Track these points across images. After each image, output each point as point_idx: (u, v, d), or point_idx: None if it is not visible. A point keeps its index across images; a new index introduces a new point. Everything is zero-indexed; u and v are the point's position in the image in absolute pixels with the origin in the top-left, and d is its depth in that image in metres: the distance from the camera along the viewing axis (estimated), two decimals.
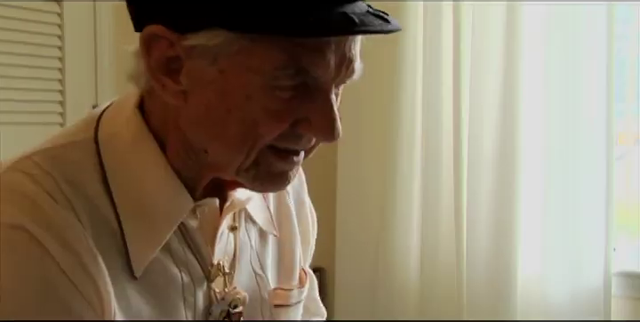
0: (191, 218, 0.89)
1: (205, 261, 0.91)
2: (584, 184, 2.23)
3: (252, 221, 0.98)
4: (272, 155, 0.83)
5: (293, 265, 1.04)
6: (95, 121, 0.89)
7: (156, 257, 0.86)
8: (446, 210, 2.37)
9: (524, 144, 2.27)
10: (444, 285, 2.34)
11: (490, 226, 2.30)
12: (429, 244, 2.39)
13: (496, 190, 2.29)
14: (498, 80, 2.27)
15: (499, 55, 2.27)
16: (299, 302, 1.04)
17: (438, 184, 2.38)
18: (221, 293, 0.93)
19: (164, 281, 0.87)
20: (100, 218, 0.83)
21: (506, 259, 2.27)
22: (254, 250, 0.98)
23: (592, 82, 2.22)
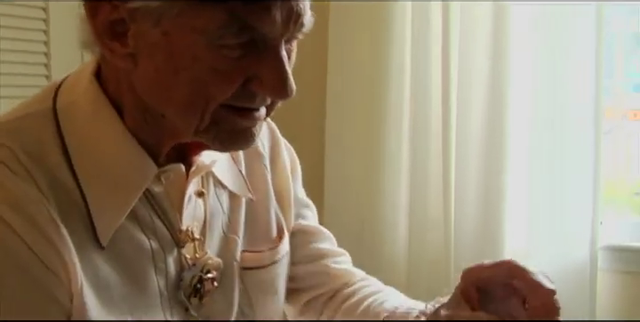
0: (156, 184, 0.89)
1: (174, 227, 0.91)
2: (571, 159, 2.23)
3: (222, 185, 0.98)
4: (231, 113, 0.83)
5: (269, 227, 1.05)
6: (53, 91, 0.89)
7: (123, 225, 0.86)
8: (434, 186, 2.37)
9: (511, 119, 2.26)
10: (431, 261, 2.35)
11: (477, 201, 2.30)
12: (417, 219, 2.39)
13: (483, 166, 2.29)
14: (487, 52, 2.26)
15: (487, 24, 2.26)
16: (273, 263, 1.03)
17: (426, 160, 2.37)
18: (193, 258, 0.93)
19: (132, 249, 0.88)
20: (62, 188, 0.83)
21: (493, 233, 2.27)
22: (226, 215, 0.98)
23: (580, 57, 2.21)
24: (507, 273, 0.89)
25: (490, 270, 0.91)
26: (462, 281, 0.92)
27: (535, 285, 0.87)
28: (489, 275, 0.90)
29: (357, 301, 1.12)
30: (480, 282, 0.91)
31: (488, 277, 0.90)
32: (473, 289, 0.90)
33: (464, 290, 0.91)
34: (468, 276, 0.92)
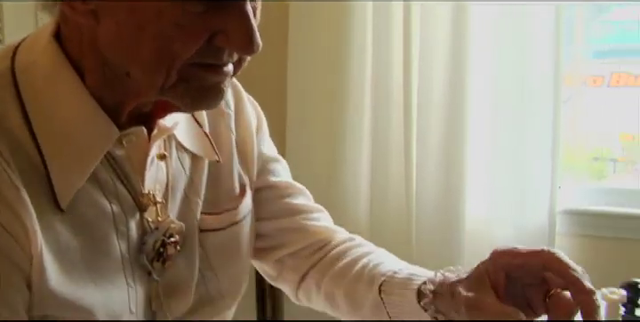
0: (118, 147, 0.88)
1: (136, 191, 0.91)
2: (531, 125, 2.25)
3: (184, 148, 0.97)
4: (199, 70, 0.82)
5: (232, 187, 1.04)
6: (12, 51, 0.87)
7: (84, 189, 0.85)
8: (395, 155, 2.38)
9: (472, 87, 2.27)
10: (393, 228, 2.36)
11: (438, 169, 2.32)
12: (378, 189, 2.41)
13: (444, 134, 2.30)
14: (448, 17, 2.26)
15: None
16: (233, 224, 1.03)
17: (388, 129, 2.38)
18: (155, 222, 0.93)
19: (93, 212, 0.87)
20: (21, 150, 0.82)
21: (454, 199, 2.29)
22: (188, 177, 0.98)
23: (540, 24, 2.23)
24: (541, 264, 0.86)
25: (523, 258, 0.88)
26: (492, 263, 0.89)
27: (576, 281, 0.83)
28: (521, 262, 0.87)
29: (349, 264, 1.09)
30: (510, 268, 0.88)
31: (520, 264, 0.87)
32: (502, 274, 0.88)
33: (492, 273, 0.88)
34: (499, 258, 0.89)
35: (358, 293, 1.04)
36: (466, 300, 0.88)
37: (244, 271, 1.06)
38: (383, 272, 1.03)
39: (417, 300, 0.96)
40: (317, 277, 1.10)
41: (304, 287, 1.13)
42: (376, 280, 1.02)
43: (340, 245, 1.13)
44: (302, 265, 1.12)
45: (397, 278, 1.01)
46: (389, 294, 1.00)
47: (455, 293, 0.90)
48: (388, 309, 1.00)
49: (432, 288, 0.95)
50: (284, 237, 1.11)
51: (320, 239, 1.13)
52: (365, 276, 1.05)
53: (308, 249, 1.12)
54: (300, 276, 1.12)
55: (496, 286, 0.87)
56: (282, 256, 1.13)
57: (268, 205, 1.11)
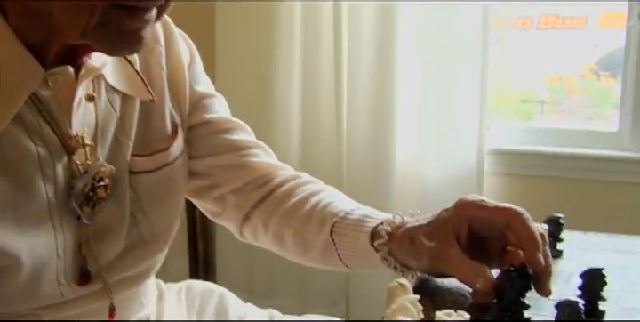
0: (43, 88, 0.86)
1: (63, 133, 0.89)
2: (460, 67, 2.27)
3: (114, 89, 0.95)
4: (120, 13, 0.80)
5: (164, 127, 1.02)
6: None
7: (9, 131, 0.83)
8: (326, 95, 2.38)
9: (401, 29, 2.27)
10: (324, 169, 2.38)
11: (369, 109, 2.33)
12: (310, 128, 2.41)
13: (375, 75, 2.30)
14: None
15: None
16: (165, 166, 1.01)
17: (318, 68, 2.37)
18: (84, 165, 0.91)
19: (18, 155, 0.85)
20: None
21: (384, 140, 2.31)
22: (119, 120, 0.96)
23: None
24: (504, 221, 0.84)
25: (489, 213, 0.85)
26: (456, 213, 0.87)
27: (530, 248, 0.82)
28: (486, 217, 0.86)
29: (298, 203, 1.06)
30: (475, 220, 0.86)
31: (485, 218, 0.86)
32: (465, 225, 0.87)
33: (456, 223, 0.87)
34: (464, 209, 0.87)
35: (308, 234, 1.03)
36: (429, 250, 0.87)
37: (177, 213, 1.05)
38: (335, 212, 1.01)
39: (370, 241, 0.95)
40: (264, 217, 1.08)
41: (250, 226, 1.11)
42: (327, 221, 1.01)
43: (286, 182, 1.10)
44: (245, 202, 1.09)
45: (350, 219, 0.99)
46: (341, 235, 0.99)
47: (416, 239, 0.88)
48: (339, 251, 1.00)
49: (389, 230, 0.93)
50: (224, 175, 1.09)
51: (262, 175, 1.10)
52: (316, 216, 1.03)
53: (250, 186, 1.09)
54: (243, 214, 1.10)
55: (458, 237, 0.86)
56: (223, 194, 1.10)
57: (205, 142, 1.08)
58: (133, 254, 0.98)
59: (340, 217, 1.00)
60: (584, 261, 1.04)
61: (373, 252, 0.94)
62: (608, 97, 2.45)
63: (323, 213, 1.02)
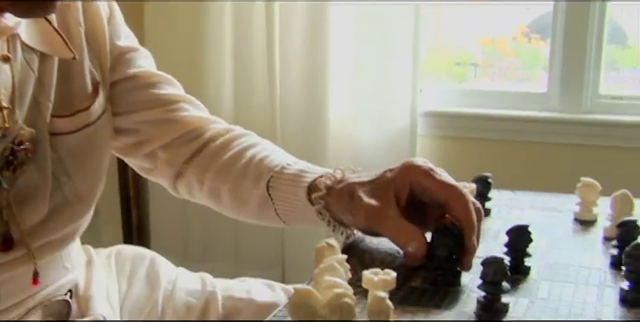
0: None
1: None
2: (393, 29, 2.27)
3: (31, 48, 0.91)
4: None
5: (84, 86, 0.99)
6: None
7: None
8: (258, 57, 2.36)
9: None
10: (257, 131, 2.35)
11: (301, 70, 2.32)
12: (243, 90, 2.39)
13: (308, 35, 2.29)
14: None
15: None
16: (87, 126, 0.98)
17: (250, 31, 2.35)
18: (2, 129, 0.88)
19: None
20: None
21: (317, 102, 2.31)
22: (38, 80, 0.92)
23: None
24: (445, 198, 0.85)
25: (433, 185, 0.85)
26: (401, 175, 0.87)
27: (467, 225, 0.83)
28: (429, 188, 0.85)
29: (233, 157, 1.04)
30: (417, 187, 0.86)
31: (427, 188, 0.86)
32: (407, 189, 0.87)
33: (398, 185, 0.86)
34: (409, 173, 0.87)
35: (244, 190, 1.01)
36: (367, 207, 0.86)
37: (102, 173, 1.03)
38: (271, 167, 1.00)
39: (307, 195, 0.94)
40: (199, 172, 1.06)
41: (184, 182, 1.08)
42: (264, 176, 0.99)
43: (219, 136, 1.08)
44: (176, 158, 1.07)
45: (287, 174, 0.98)
46: (278, 190, 0.98)
47: (355, 195, 0.88)
48: (276, 206, 0.99)
49: (328, 184, 0.92)
50: (152, 130, 1.06)
51: (192, 129, 1.07)
52: (252, 171, 1.01)
53: (180, 140, 1.07)
54: (175, 169, 1.07)
55: (398, 198, 0.86)
56: (152, 150, 1.07)
57: (130, 98, 1.05)
58: (57, 218, 0.96)
59: (277, 172, 0.99)
60: (511, 219, 1.05)
61: (310, 206, 0.93)
62: (538, 59, 2.48)
63: (259, 168, 1.01)
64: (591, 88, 2.28)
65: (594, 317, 0.75)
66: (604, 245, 0.96)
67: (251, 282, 1.22)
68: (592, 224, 1.05)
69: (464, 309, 0.76)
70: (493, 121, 2.34)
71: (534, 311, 0.76)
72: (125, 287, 1.14)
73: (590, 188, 1.06)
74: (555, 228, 1.04)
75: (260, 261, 2.47)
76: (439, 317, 0.74)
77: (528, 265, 0.87)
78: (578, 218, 1.07)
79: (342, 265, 0.73)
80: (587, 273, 0.87)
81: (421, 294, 0.80)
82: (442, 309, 0.77)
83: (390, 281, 0.69)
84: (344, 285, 0.68)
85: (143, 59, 1.07)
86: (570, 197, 1.11)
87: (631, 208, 1.00)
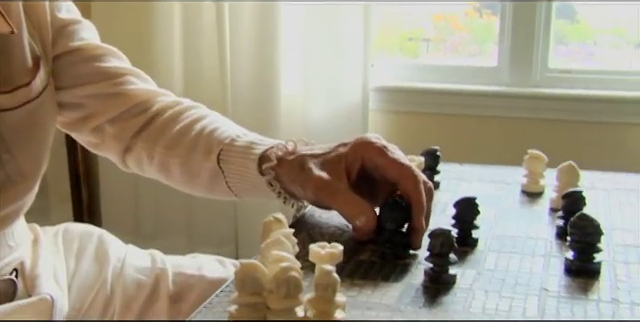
0: None
1: None
2: (344, 4, 2.26)
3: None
4: None
5: (24, 60, 0.96)
6: None
7: None
8: (208, 30, 2.33)
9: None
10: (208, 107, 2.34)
11: (252, 46, 2.30)
12: (193, 67, 2.36)
13: (258, 12, 2.27)
14: None
15: None
16: (29, 102, 0.95)
17: (199, 5, 2.32)
18: None
19: None
20: None
21: (269, 78, 2.29)
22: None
23: None
24: (397, 177, 0.84)
25: (385, 163, 0.85)
26: (354, 150, 0.87)
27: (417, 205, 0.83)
28: (381, 165, 0.85)
29: (182, 130, 1.02)
30: (369, 164, 0.86)
31: (379, 165, 0.86)
32: (358, 164, 0.86)
33: (350, 159, 0.86)
34: (362, 150, 0.86)
35: (195, 162, 1.00)
36: (317, 180, 0.86)
37: (45, 150, 1.01)
38: (221, 139, 0.98)
39: (258, 167, 0.93)
40: (148, 146, 1.04)
41: (133, 156, 1.06)
42: (214, 148, 0.98)
43: (168, 108, 1.06)
44: (124, 132, 1.05)
45: (237, 146, 0.97)
46: (228, 163, 0.97)
47: (306, 167, 0.87)
48: (227, 179, 0.98)
49: (279, 154, 0.91)
50: (98, 104, 1.04)
51: (140, 102, 1.05)
52: (202, 143, 1.00)
53: (127, 114, 1.05)
54: (124, 144, 1.06)
55: (349, 173, 0.86)
56: (99, 124, 1.05)
57: (74, 71, 1.02)
58: (1, 196, 0.94)
59: (227, 144, 0.98)
60: (459, 192, 1.05)
61: (261, 178, 0.93)
62: (490, 34, 2.49)
63: (209, 140, 0.99)
64: (540, 62, 2.30)
65: (539, 286, 0.76)
66: (551, 216, 0.98)
67: (201, 258, 1.21)
68: (539, 196, 1.07)
69: (412, 282, 0.77)
70: (444, 95, 2.35)
71: (481, 282, 0.77)
72: (73, 266, 1.12)
73: (537, 160, 1.07)
74: (502, 200, 1.05)
75: (214, 237, 2.46)
76: (387, 289, 0.75)
77: (475, 237, 0.88)
78: (525, 190, 1.08)
79: (289, 239, 0.73)
80: (533, 244, 0.88)
81: (369, 268, 0.81)
82: (390, 281, 0.77)
83: (337, 254, 0.68)
84: (291, 258, 0.67)
85: (86, 31, 1.05)
86: (518, 169, 1.12)
87: (577, 179, 1.01)
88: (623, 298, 0.74)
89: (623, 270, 0.81)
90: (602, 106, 2.22)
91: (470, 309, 0.71)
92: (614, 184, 1.12)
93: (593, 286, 0.77)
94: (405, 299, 0.73)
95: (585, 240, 0.79)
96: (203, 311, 0.69)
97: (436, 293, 0.74)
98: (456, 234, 0.86)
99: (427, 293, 0.74)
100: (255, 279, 0.65)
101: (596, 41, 2.51)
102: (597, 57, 2.49)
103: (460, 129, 2.35)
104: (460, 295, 0.74)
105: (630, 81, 2.25)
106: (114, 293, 1.10)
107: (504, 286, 0.76)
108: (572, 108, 2.25)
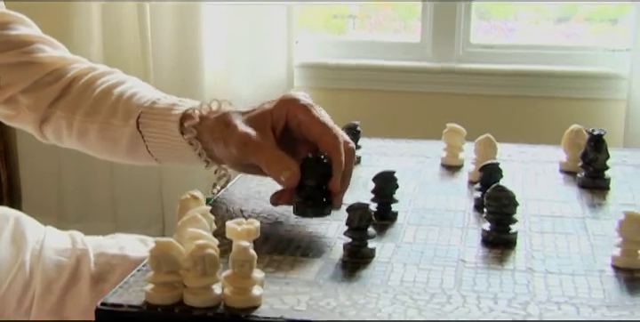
0: None
1: None
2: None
3: None
4: None
5: None
6: None
7: None
8: (129, 9, 2.29)
9: None
10: None
11: (174, 24, 2.26)
12: (113, 45, 2.32)
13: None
14: None
15: None
16: None
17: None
18: None
19: None
20: None
21: (192, 55, 2.27)
22: None
23: None
24: (318, 138, 0.84)
25: (308, 121, 0.85)
26: (278, 107, 0.86)
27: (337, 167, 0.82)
28: (305, 122, 0.85)
29: (100, 97, 0.99)
30: (293, 120, 0.85)
31: (302, 123, 0.85)
32: (283, 121, 0.85)
33: (275, 116, 0.85)
34: (287, 106, 0.86)
35: (114, 129, 0.97)
36: (243, 135, 0.84)
37: None
38: (141, 103, 0.96)
39: (179, 128, 0.91)
40: (67, 115, 1.01)
41: (52, 127, 1.03)
42: (133, 112, 0.95)
43: (83, 75, 1.03)
44: (39, 102, 1.02)
45: (157, 108, 0.94)
46: (148, 126, 0.94)
47: (231, 124, 0.86)
48: (147, 143, 0.96)
49: (202, 113, 0.90)
50: (8, 75, 1.00)
51: (53, 70, 1.02)
52: (120, 108, 0.97)
53: (41, 83, 1.01)
54: (40, 114, 1.02)
55: (274, 129, 0.85)
56: (12, 95, 1.02)
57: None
58: None
59: (147, 107, 0.95)
60: (380, 166, 1.06)
61: (182, 141, 0.91)
62: (414, 10, 2.50)
63: (128, 105, 0.97)
64: (462, 38, 2.33)
65: (457, 258, 0.77)
66: (469, 189, 0.99)
67: (123, 238, 1.19)
68: (458, 169, 1.08)
69: (331, 257, 0.77)
70: (369, 71, 2.35)
71: (400, 255, 0.78)
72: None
73: (456, 133, 1.08)
74: (422, 173, 1.06)
75: (140, 219, 2.42)
76: (306, 264, 0.75)
77: (395, 210, 0.88)
78: (444, 163, 1.09)
79: (206, 216, 0.72)
80: (451, 216, 0.89)
81: (288, 244, 0.80)
82: (309, 257, 0.77)
83: (254, 230, 0.68)
84: (207, 236, 0.67)
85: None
86: (438, 143, 1.13)
87: (494, 152, 1.02)
88: (538, 267, 0.75)
89: (538, 240, 0.82)
90: (521, 80, 2.26)
91: (389, 282, 0.71)
92: (531, 156, 1.14)
93: (509, 256, 0.78)
94: (324, 274, 0.73)
95: (501, 211, 0.81)
96: (119, 292, 0.68)
97: (354, 268, 0.74)
98: (375, 208, 0.87)
99: (346, 267, 0.74)
100: (171, 257, 0.65)
101: (517, 17, 2.54)
102: (518, 32, 2.53)
103: (384, 104, 2.36)
104: (378, 269, 0.74)
105: (549, 55, 2.29)
106: (33, 276, 1.08)
107: (422, 259, 0.77)
108: (493, 83, 2.28)
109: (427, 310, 0.65)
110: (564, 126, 1.09)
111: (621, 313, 0.66)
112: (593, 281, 0.72)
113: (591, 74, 2.23)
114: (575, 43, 2.42)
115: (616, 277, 0.73)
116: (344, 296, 0.68)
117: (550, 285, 0.71)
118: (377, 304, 0.66)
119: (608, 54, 2.25)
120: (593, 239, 0.83)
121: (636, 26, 2.12)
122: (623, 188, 1.01)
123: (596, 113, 2.24)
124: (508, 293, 0.69)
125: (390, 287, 0.70)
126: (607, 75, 2.21)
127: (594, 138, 1.00)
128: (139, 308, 0.65)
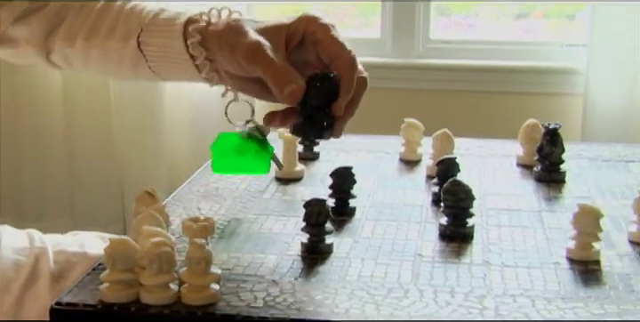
0: None
1: None
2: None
3: None
4: None
5: None
6: None
7: None
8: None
9: None
10: (89, 79, 2.29)
11: None
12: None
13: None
14: None
15: None
16: None
17: None
18: None
19: None
20: None
21: None
22: None
23: None
24: (334, 54, 0.81)
25: (327, 38, 0.81)
26: (297, 22, 0.81)
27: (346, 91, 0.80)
28: (322, 40, 0.81)
29: (100, 13, 0.93)
30: (309, 37, 0.81)
31: (319, 41, 0.81)
32: (298, 37, 0.81)
33: (291, 32, 0.81)
34: (308, 22, 0.81)
35: (114, 50, 0.91)
36: (253, 42, 0.79)
37: None
38: (142, 18, 0.89)
39: (183, 35, 0.84)
40: (69, 44, 0.95)
41: (59, 57, 0.98)
42: (133, 31, 0.89)
43: None
44: (35, 31, 0.97)
45: (160, 20, 0.88)
46: (149, 45, 0.88)
47: (242, 30, 0.80)
48: (149, 62, 0.89)
49: (210, 20, 0.84)
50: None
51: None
52: (120, 27, 0.91)
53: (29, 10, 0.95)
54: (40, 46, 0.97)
55: (287, 44, 0.81)
56: (3, 31, 0.97)
57: None
58: None
59: (148, 22, 0.89)
60: (339, 162, 1.06)
61: (186, 59, 0.84)
62: (374, 6, 2.51)
63: (128, 22, 0.91)
64: (422, 33, 2.33)
65: (414, 252, 0.77)
66: (427, 184, 0.99)
67: (83, 235, 1.18)
68: (416, 164, 1.08)
69: (289, 253, 0.77)
70: None
71: (358, 250, 0.78)
72: None
73: (414, 128, 1.08)
74: (381, 169, 1.06)
75: (100, 217, 2.40)
76: (263, 261, 0.75)
77: (353, 206, 0.89)
78: (403, 158, 1.10)
79: (162, 214, 0.72)
80: (409, 211, 0.90)
81: (246, 240, 0.80)
82: (266, 253, 0.77)
83: (210, 228, 0.68)
84: (163, 233, 0.66)
85: None
86: (397, 138, 1.14)
87: (452, 146, 1.03)
88: (494, 260, 0.76)
89: (495, 233, 0.83)
90: (480, 75, 2.28)
91: (346, 277, 0.71)
92: (489, 150, 1.15)
93: (466, 250, 0.79)
94: (282, 270, 0.73)
95: (457, 205, 0.81)
96: (74, 291, 0.67)
97: (312, 264, 0.74)
98: (333, 204, 0.87)
99: (303, 263, 0.74)
100: (126, 255, 0.64)
101: (478, 13, 2.56)
102: (478, 28, 2.55)
103: None
104: (336, 264, 0.74)
105: (507, 51, 2.31)
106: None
107: (380, 254, 0.77)
108: (452, 78, 2.29)
109: (384, 305, 0.66)
110: (523, 121, 1.10)
111: (576, 305, 0.67)
112: (548, 274, 0.73)
113: (549, 69, 2.25)
114: (533, 38, 2.44)
115: (571, 270, 0.74)
116: (301, 292, 0.68)
117: (506, 278, 0.72)
118: (334, 300, 0.66)
119: (565, 50, 2.28)
120: (549, 232, 0.84)
121: (592, 22, 2.15)
122: (579, 181, 1.02)
123: (554, 107, 2.26)
124: (465, 286, 0.70)
125: (348, 282, 0.70)
126: (565, 70, 2.23)
127: (549, 132, 1.01)
128: (94, 307, 0.64)
